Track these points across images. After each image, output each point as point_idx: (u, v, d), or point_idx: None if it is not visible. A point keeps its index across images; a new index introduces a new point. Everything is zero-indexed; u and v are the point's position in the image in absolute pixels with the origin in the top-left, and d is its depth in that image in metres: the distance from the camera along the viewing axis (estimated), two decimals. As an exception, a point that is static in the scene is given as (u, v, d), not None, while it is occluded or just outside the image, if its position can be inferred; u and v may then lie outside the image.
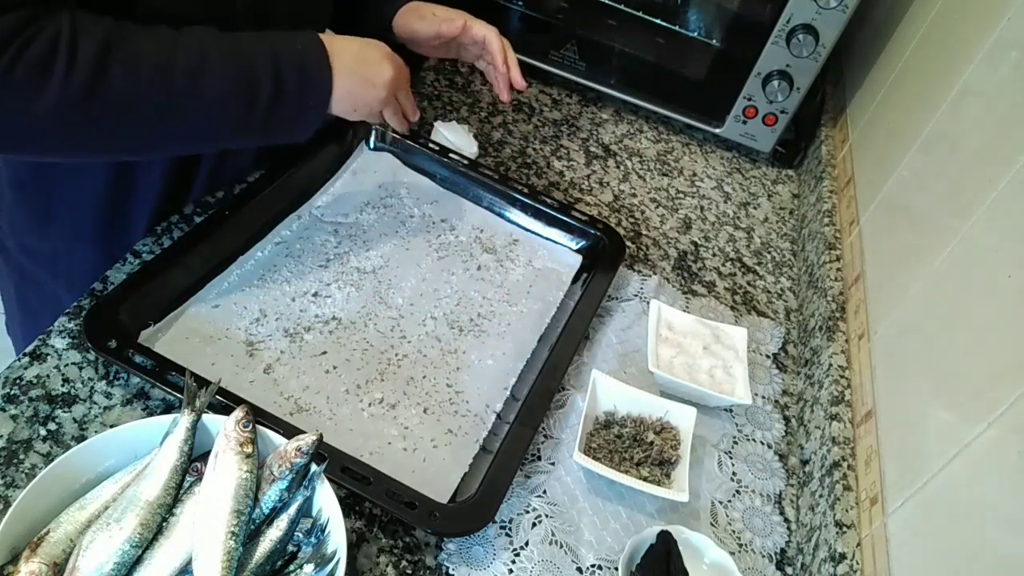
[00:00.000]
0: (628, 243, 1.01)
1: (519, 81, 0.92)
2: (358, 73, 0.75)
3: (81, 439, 0.66)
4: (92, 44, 0.60)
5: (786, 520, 0.79)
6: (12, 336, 1.06)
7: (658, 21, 1.16)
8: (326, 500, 0.60)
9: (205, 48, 0.66)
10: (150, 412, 0.70)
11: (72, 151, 0.68)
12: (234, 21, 0.72)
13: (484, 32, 0.91)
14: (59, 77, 0.58)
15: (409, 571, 0.66)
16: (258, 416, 0.65)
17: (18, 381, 0.69)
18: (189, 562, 0.55)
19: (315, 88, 0.73)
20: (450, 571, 0.67)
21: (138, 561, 0.55)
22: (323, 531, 0.59)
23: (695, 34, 1.16)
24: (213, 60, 0.66)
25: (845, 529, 0.71)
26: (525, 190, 0.99)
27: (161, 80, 0.63)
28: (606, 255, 0.95)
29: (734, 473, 0.81)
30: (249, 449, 0.59)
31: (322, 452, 0.63)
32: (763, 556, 0.76)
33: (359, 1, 0.95)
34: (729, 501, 0.79)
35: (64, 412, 0.68)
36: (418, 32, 0.92)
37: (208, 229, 0.82)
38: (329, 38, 0.74)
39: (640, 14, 1.16)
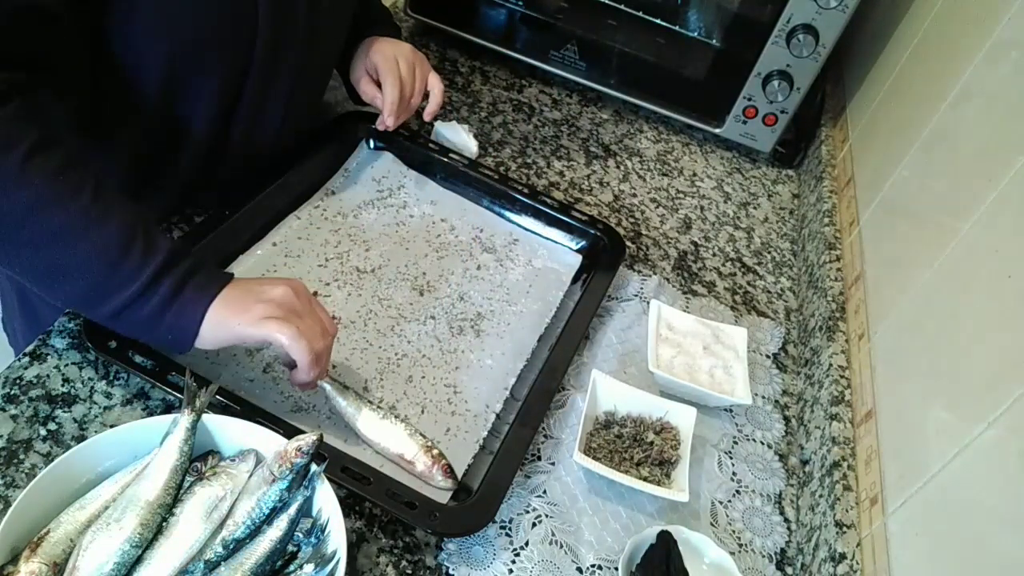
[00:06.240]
0: (628, 243, 1.01)
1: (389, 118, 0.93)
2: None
3: (81, 439, 0.66)
4: None
5: (786, 520, 0.79)
6: (11, 335, 1.06)
7: (658, 21, 1.16)
8: (326, 500, 0.60)
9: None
10: (150, 412, 0.70)
11: None
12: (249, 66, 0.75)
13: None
14: None
15: (409, 571, 0.66)
16: (258, 415, 0.65)
17: (18, 381, 0.69)
18: (189, 562, 0.55)
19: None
20: (450, 571, 0.67)
21: (138, 561, 0.55)
22: (323, 531, 0.59)
23: (695, 34, 1.16)
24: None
25: (845, 529, 0.71)
26: (525, 190, 0.99)
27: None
28: (606, 255, 0.95)
29: (734, 473, 0.81)
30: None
31: (322, 452, 0.63)
32: (763, 556, 0.76)
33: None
34: (729, 501, 0.79)
35: (64, 412, 0.68)
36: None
37: (208, 229, 0.82)
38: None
39: (640, 14, 1.16)
